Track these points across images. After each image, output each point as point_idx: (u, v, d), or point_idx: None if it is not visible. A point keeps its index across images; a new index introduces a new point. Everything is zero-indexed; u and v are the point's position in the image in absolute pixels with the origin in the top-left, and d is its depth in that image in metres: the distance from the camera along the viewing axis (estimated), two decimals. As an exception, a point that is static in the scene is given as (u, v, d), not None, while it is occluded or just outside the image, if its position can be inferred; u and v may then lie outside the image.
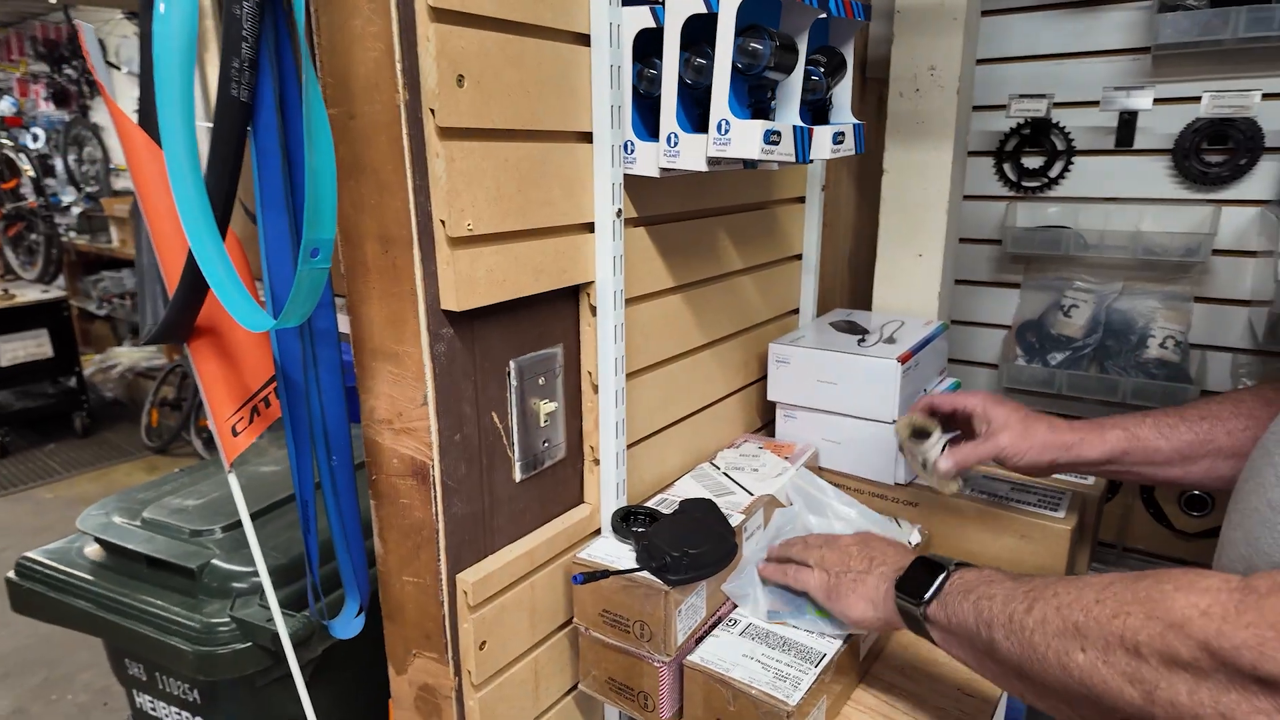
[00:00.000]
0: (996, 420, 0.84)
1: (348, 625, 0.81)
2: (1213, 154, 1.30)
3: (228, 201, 0.61)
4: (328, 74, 0.67)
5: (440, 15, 0.62)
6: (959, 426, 0.92)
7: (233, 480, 0.77)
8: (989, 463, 0.85)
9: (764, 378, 1.19)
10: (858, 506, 0.97)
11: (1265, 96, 1.21)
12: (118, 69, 4.19)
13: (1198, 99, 1.24)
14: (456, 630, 0.76)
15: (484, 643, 0.77)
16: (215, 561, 1.06)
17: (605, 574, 0.77)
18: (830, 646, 0.79)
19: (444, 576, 0.74)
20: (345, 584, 0.81)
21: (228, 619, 0.99)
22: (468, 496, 0.75)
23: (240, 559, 1.06)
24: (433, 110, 0.64)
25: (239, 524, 1.13)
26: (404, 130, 0.64)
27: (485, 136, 0.68)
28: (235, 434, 0.72)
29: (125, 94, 4.14)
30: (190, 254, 0.60)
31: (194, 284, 0.63)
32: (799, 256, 1.27)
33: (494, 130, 0.69)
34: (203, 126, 0.60)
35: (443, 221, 0.66)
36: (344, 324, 0.74)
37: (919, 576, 0.69)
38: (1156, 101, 1.28)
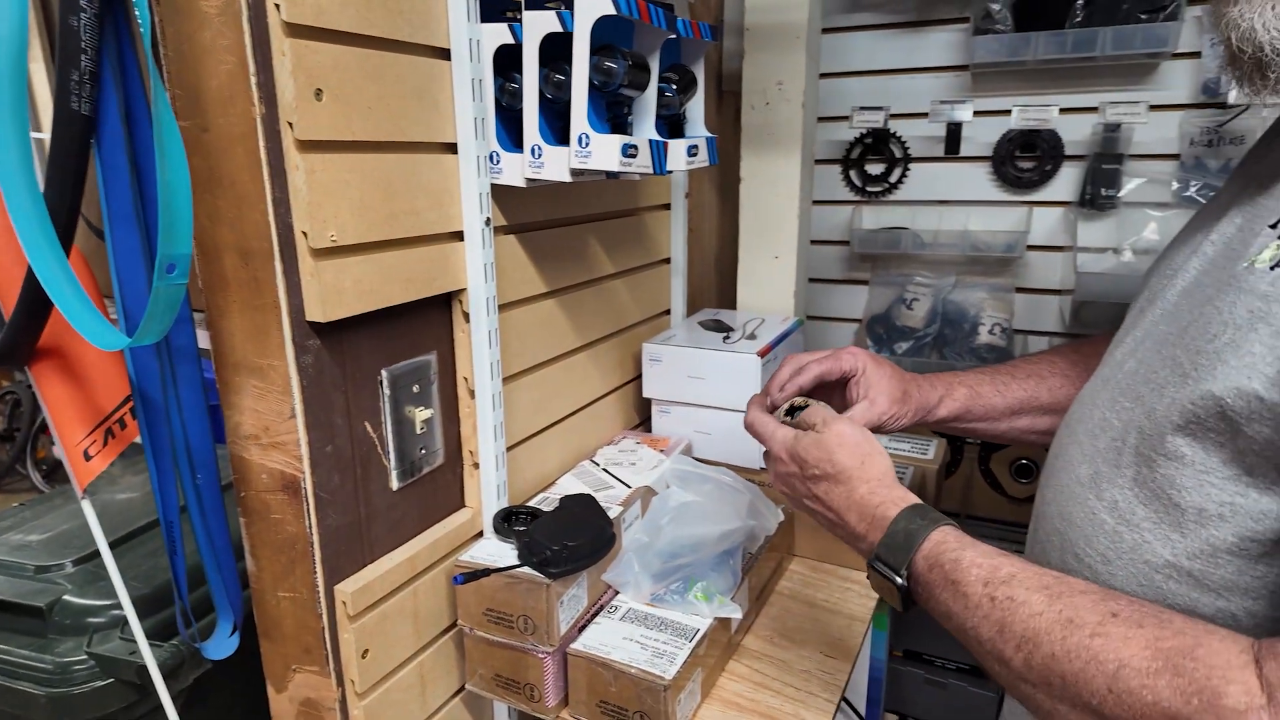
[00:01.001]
0: (876, 385, 0.81)
1: (221, 645, 0.79)
2: (1024, 161, 1.47)
3: (71, 217, 0.59)
4: (177, 86, 0.65)
5: (295, 30, 0.63)
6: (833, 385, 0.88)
7: (87, 507, 0.74)
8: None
9: (640, 376, 1.24)
10: (732, 475, 1.04)
11: (1062, 111, 1.38)
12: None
13: (1009, 112, 1.41)
14: (337, 641, 0.76)
15: (366, 651, 0.77)
16: (67, 598, 0.99)
17: (486, 572, 0.80)
18: (704, 623, 0.85)
19: (321, 589, 0.74)
20: (217, 604, 0.79)
21: (85, 656, 0.93)
22: (343, 508, 0.75)
23: (95, 592, 1.00)
24: (291, 123, 0.64)
25: (92, 556, 1.07)
26: (261, 143, 0.64)
27: (347, 149, 0.69)
28: (88, 458, 0.69)
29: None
30: (30, 273, 0.57)
31: (35, 304, 0.60)
32: (668, 260, 1.34)
33: (356, 142, 0.70)
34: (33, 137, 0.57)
35: (305, 233, 0.66)
36: (204, 339, 0.73)
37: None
38: (976, 114, 1.43)
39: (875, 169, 1.57)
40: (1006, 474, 1.50)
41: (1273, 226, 0.50)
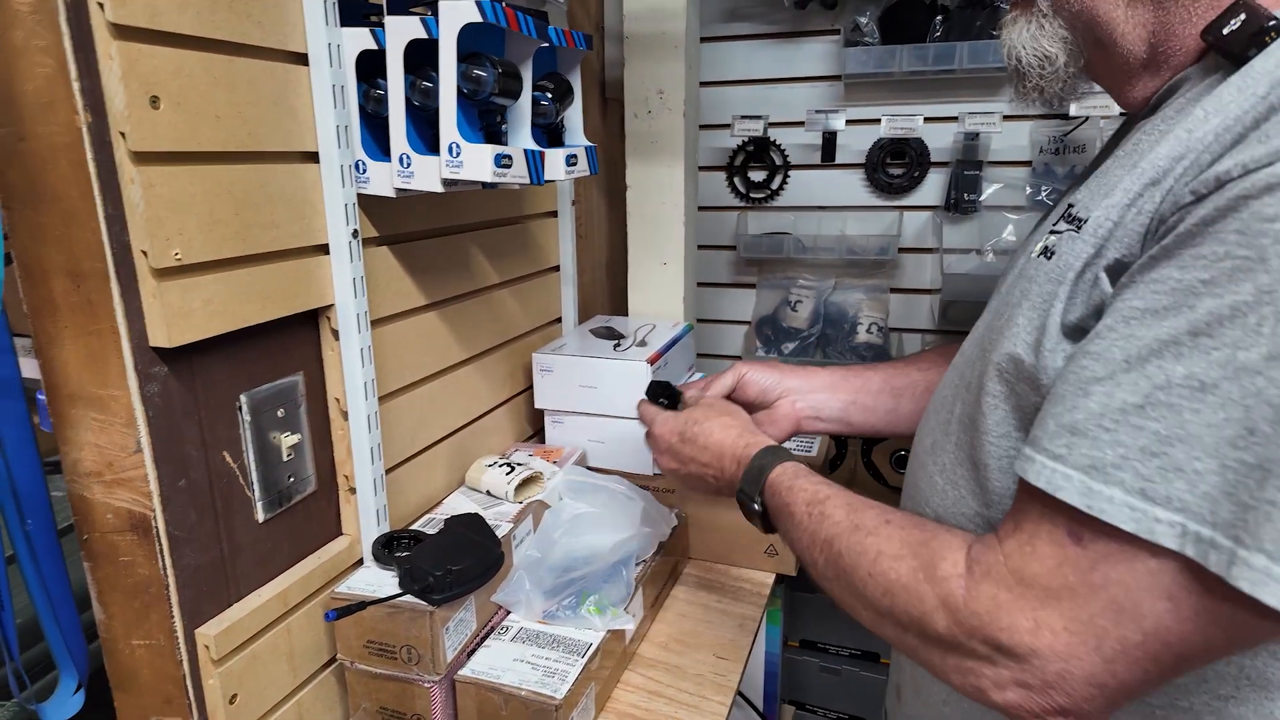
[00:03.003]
0: (734, 364, 0.93)
1: (64, 705, 0.72)
2: (894, 167, 1.54)
3: None
4: (-15, 90, 0.59)
5: (124, 32, 0.58)
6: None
7: (-108, 563, 0.65)
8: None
9: (531, 387, 1.22)
10: (625, 483, 1.05)
11: (927, 120, 1.46)
12: None
13: (879, 121, 1.47)
14: (201, 688, 0.71)
15: (234, 696, 0.72)
16: (-119, 663, 0.88)
17: (361, 606, 0.76)
18: (596, 637, 0.84)
19: (181, 634, 0.69)
20: (58, 659, 0.72)
21: (-97, 728, 0.83)
22: (201, 545, 0.70)
23: (-82, 654, 0.89)
24: (123, 134, 0.59)
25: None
26: (89, 154, 0.59)
27: (192, 160, 0.64)
28: (-110, 508, 0.61)
29: None
30: None
31: None
32: (557, 268, 1.32)
33: (202, 153, 0.65)
34: None
35: (144, 252, 0.61)
36: (32, 369, 0.66)
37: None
38: (849, 123, 1.49)
39: (758, 176, 1.61)
40: (887, 465, 1.57)
41: (1052, 228, 0.58)
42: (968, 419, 0.60)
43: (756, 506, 0.70)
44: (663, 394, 0.91)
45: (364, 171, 0.80)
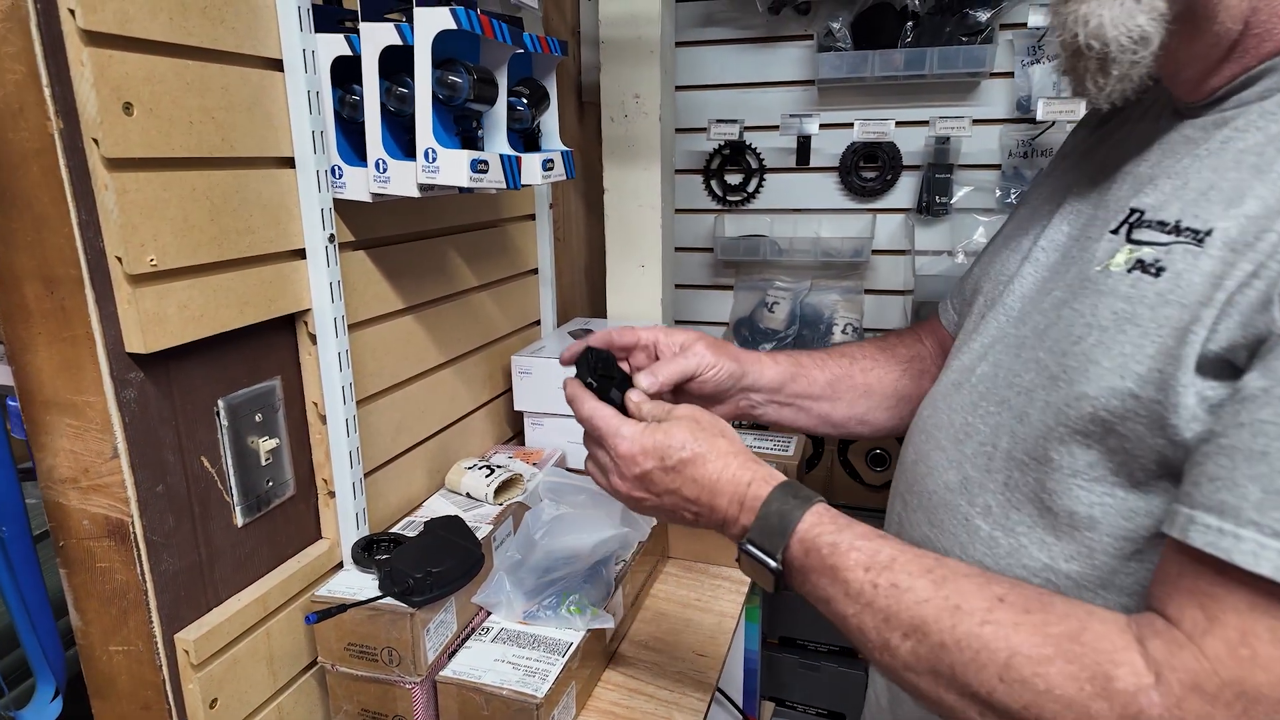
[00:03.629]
0: (684, 340, 0.75)
1: (42, 712, 0.71)
2: (868, 171, 1.57)
3: None
4: (-45, 96, 0.59)
5: (96, 39, 0.58)
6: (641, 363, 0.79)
7: None
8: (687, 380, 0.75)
9: (511, 389, 1.22)
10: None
11: (898, 124, 1.48)
12: None
13: (852, 125, 1.50)
14: (180, 694, 0.71)
15: (214, 701, 0.72)
16: None
17: (342, 608, 0.76)
18: (576, 637, 0.85)
19: (160, 639, 0.69)
20: (34, 666, 0.71)
21: (-126, 741, 0.82)
22: (180, 550, 0.70)
23: (-112, 666, 0.88)
24: (96, 140, 0.59)
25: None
26: (61, 160, 0.59)
27: (166, 166, 0.65)
28: None
29: None
30: None
31: None
32: (536, 271, 1.33)
33: (176, 159, 0.65)
34: None
35: (119, 258, 0.61)
36: (5, 375, 0.66)
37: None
38: (822, 126, 1.51)
39: (734, 179, 1.63)
40: (863, 463, 1.59)
41: (1114, 231, 0.51)
42: (1028, 457, 0.52)
43: (774, 564, 0.54)
44: (598, 372, 0.68)
45: (340, 177, 0.81)
